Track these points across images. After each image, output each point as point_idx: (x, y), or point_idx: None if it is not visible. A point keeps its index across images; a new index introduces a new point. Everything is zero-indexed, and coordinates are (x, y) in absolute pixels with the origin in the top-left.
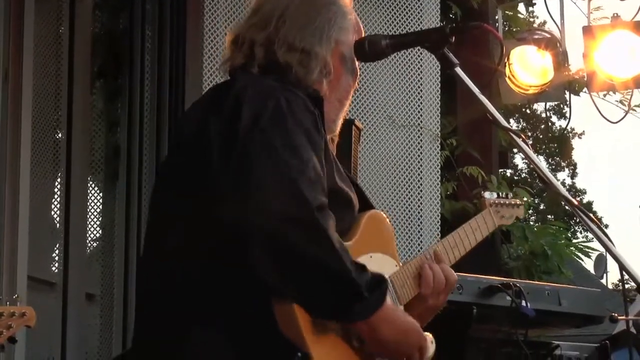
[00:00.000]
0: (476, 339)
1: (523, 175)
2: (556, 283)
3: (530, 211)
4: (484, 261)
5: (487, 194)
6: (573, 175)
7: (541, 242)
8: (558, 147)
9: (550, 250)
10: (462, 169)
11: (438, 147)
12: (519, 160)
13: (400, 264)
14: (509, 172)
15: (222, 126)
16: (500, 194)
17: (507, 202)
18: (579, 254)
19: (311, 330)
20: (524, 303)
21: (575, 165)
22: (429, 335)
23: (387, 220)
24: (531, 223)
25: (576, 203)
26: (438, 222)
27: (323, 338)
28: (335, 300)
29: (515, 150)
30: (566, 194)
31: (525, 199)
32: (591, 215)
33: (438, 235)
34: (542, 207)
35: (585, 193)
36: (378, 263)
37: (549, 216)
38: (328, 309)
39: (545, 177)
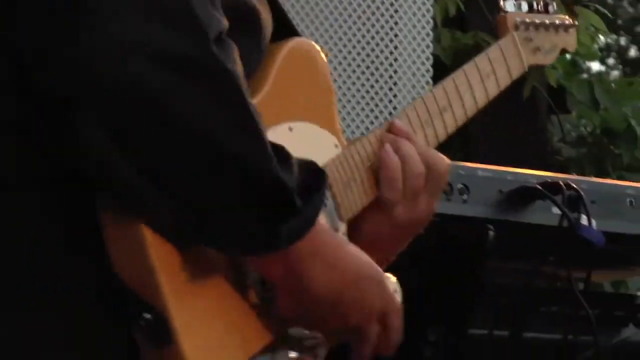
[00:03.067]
0: (495, 285)
1: None
2: None
3: (614, 56)
4: (516, 145)
5: (509, 5)
6: None
7: (624, 111)
8: None
9: None
10: None
11: None
12: None
13: (345, 143)
14: None
15: None
16: (535, 5)
17: (546, 22)
18: None
19: (173, 272)
20: (584, 220)
21: None
22: (391, 279)
23: (323, 56)
24: (609, 79)
25: None
26: (429, 68)
27: (195, 287)
28: (250, 214)
29: None
30: None
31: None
32: None
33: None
34: (632, 52)
35: None
36: (303, 141)
37: None
38: (233, 230)
39: None
